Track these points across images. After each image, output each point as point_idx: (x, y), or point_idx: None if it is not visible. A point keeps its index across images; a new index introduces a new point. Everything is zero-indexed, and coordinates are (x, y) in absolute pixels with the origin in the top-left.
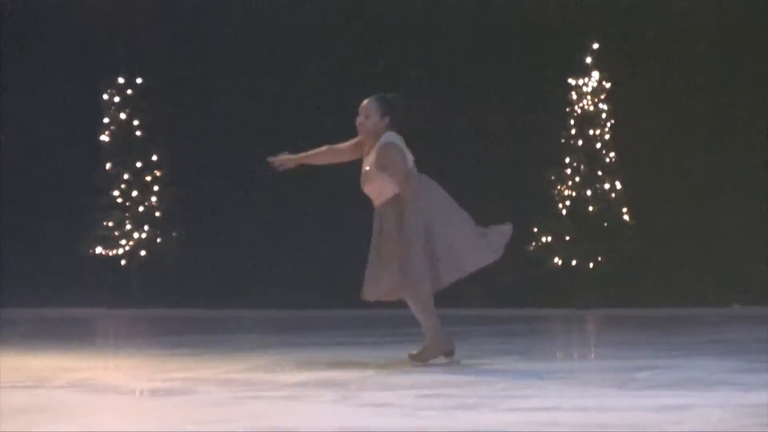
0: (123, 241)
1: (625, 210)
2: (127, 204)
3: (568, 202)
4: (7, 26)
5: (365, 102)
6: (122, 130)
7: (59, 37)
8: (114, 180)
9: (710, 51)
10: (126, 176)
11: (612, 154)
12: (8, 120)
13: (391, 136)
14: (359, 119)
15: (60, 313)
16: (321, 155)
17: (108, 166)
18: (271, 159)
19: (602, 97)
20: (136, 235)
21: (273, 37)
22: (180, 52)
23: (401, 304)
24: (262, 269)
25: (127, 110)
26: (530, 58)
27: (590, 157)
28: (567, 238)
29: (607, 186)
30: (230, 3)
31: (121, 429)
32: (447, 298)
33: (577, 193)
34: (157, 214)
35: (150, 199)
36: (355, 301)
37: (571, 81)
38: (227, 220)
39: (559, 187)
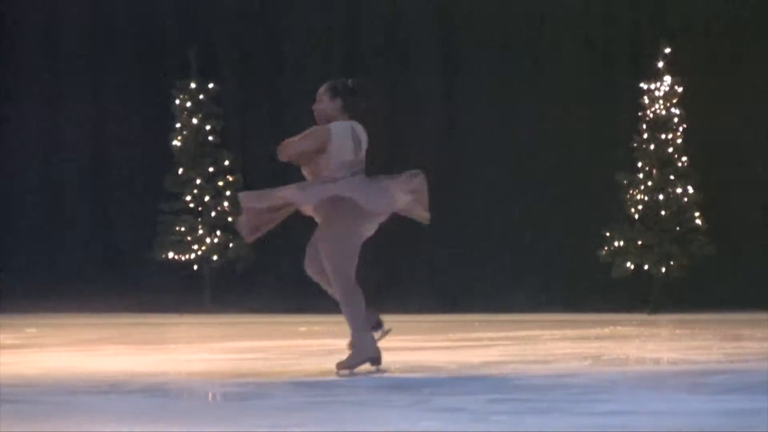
0: (195, 246)
1: (697, 214)
2: (200, 209)
3: (640, 207)
4: (80, 31)
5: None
6: (194, 135)
7: (131, 42)
8: (186, 185)
9: None
10: (198, 181)
11: (684, 159)
12: (81, 124)
13: (338, 124)
14: (314, 106)
15: (132, 319)
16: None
17: (180, 171)
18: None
19: (674, 101)
20: (208, 240)
21: (346, 40)
22: (252, 56)
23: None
24: None
25: (199, 115)
26: (602, 62)
27: (662, 162)
28: (639, 242)
29: (679, 190)
30: (303, 6)
31: None
32: (522, 302)
33: (649, 198)
34: (230, 219)
35: (222, 204)
36: (427, 305)
37: (643, 85)
38: (298, 225)
39: (631, 191)
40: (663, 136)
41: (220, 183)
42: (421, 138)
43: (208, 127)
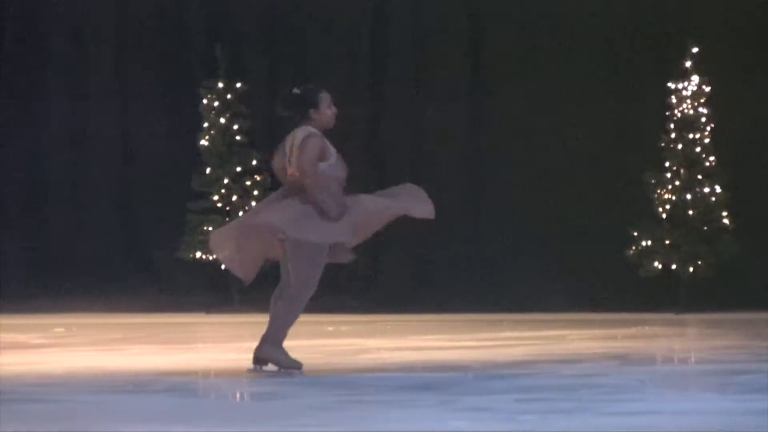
0: None
1: (724, 214)
2: (227, 209)
3: (667, 206)
4: (108, 30)
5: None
6: (222, 135)
7: (159, 42)
8: (214, 184)
9: None
10: (226, 181)
11: (711, 158)
12: (108, 124)
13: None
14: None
15: (160, 318)
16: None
17: (208, 170)
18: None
19: (702, 101)
20: None
21: (376, 39)
22: (280, 55)
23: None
24: (365, 272)
25: (227, 115)
26: (630, 62)
27: (690, 161)
28: (667, 242)
29: (706, 190)
30: (330, 6)
31: None
32: (549, 302)
33: (676, 197)
34: None
35: (250, 204)
36: (454, 304)
37: (671, 85)
38: None
39: (658, 191)
40: (691, 136)
41: (248, 183)
42: (448, 136)
43: (235, 127)
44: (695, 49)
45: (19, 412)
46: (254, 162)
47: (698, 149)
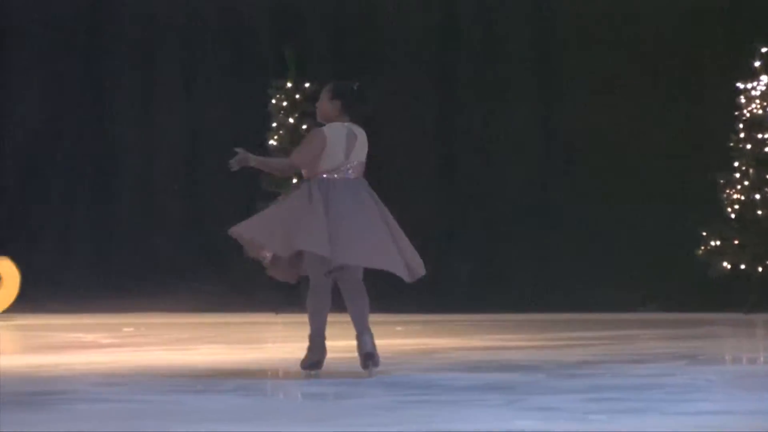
0: None
1: None
2: None
3: (736, 206)
4: (176, 30)
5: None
6: (290, 134)
7: (228, 41)
8: (282, 184)
9: None
10: (294, 180)
11: None
12: (177, 124)
13: (333, 126)
14: (316, 103)
15: (228, 318)
16: (281, 166)
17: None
18: (231, 161)
19: None
20: None
21: (444, 38)
22: (349, 55)
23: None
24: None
25: (296, 114)
26: (698, 62)
27: (759, 161)
28: (735, 242)
29: None
30: (401, 5)
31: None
32: (618, 302)
33: (745, 197)
34: None
35: None
36: (521, 303)
37: (740, 85)
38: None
39: (727, 191)
40: (760, 136)
41: None
42: (516, 135)
43: (304, 127)
44: (764, 49)
45: (87, 412)
46: None
47: (767, 149)
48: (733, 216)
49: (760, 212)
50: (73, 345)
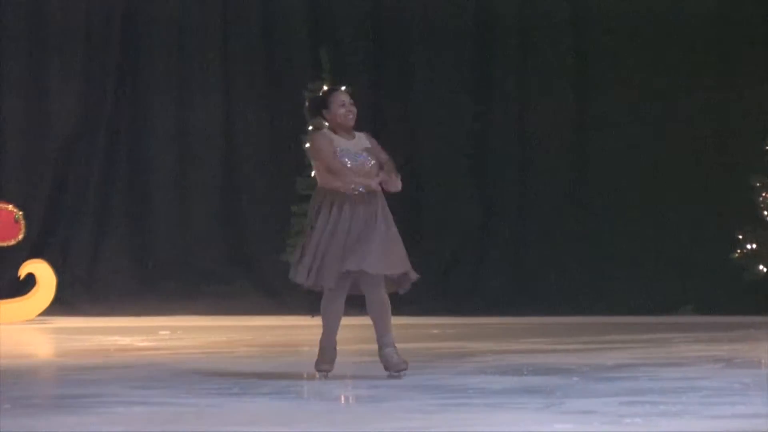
0: None
1: None
2: None
3: None
4: (211, 31)
5: (347, 92)
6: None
7: (262, 43)
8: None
9: None
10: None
11: None
12: (212, 126)
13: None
14: (353, 109)
15: (264, 321)
16: None
17: (312, 173)
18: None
19: None
20: None
21: (477, 42)
22: (384, 58)
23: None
24: (466, 276)
25: None
26: (734, 63)
27: None
28: None
29: None
30: (435, 7)
31: None
32: (653, 305)
33: None
34: None
35: None
36: (557, 307)
37: None
38: (428, 227)
39: (763, 194)
40: None
41: None
42: (551, 137)
43: None
44: None
45: (124, 415)
46: None
47: None
48: None
49: None
50: (110, 348)
